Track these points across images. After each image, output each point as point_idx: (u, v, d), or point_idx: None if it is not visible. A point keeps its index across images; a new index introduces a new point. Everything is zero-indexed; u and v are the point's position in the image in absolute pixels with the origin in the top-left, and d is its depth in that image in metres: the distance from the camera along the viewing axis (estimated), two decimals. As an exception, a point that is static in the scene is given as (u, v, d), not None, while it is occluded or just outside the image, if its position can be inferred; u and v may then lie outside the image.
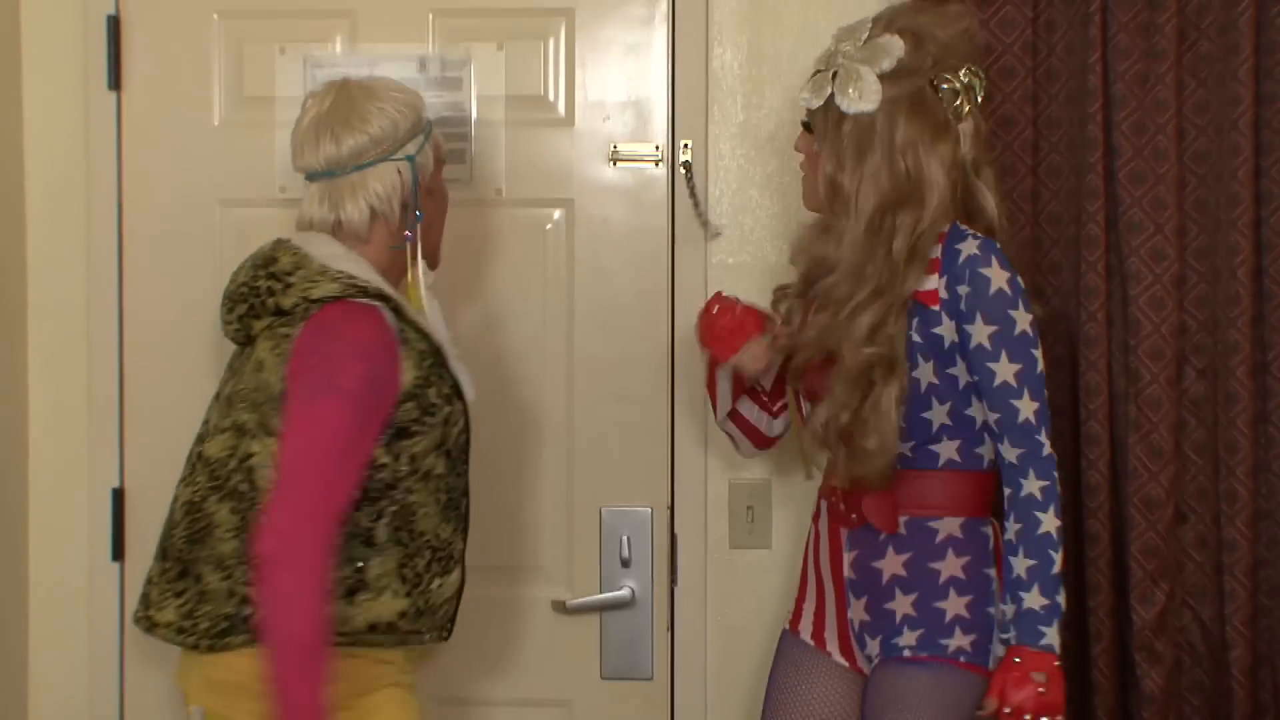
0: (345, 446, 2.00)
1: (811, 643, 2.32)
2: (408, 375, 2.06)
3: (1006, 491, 2.17)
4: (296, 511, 1.96)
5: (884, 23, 2.23)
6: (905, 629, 2.20)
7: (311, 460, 1.98)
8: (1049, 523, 2.14)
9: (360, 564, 2.07)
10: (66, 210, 2.73)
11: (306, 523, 1.96)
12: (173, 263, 2.68)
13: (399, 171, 2.15)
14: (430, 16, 2.68)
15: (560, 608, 2.66)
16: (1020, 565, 2.14)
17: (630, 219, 2.67)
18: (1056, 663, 2.13)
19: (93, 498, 2.70)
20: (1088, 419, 2.47)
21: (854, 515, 2.24)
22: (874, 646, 2.24)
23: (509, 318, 2.68)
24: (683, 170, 2.62)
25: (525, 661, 2.69)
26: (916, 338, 2.18)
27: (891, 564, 2.22)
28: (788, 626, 2.37)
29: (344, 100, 2.16)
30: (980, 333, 2.15)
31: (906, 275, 2.17)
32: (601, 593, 2.66)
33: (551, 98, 2.69)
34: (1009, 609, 2.14)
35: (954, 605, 2.19)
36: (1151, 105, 2.46)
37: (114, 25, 2.69)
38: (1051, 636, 2.13)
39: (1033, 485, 2.15)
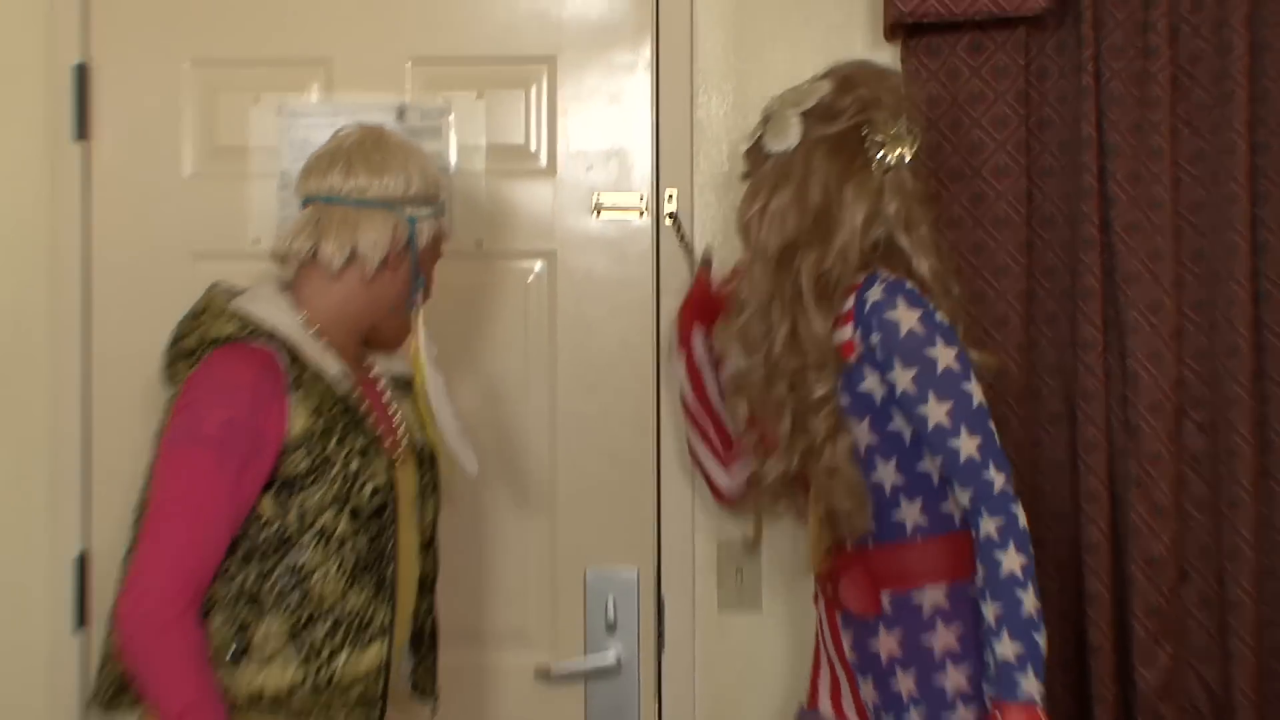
0: (206, 500, 1.94)
1: (833, 715, 2.24)
2: (297, 423, 1.98)
3: (972, 536, 2.07)
4: (152, 572, 1.92)
5: (819, 74, 2.22)
6: (911, 709, 2.11)
7: (168, 515, 1.94)
8: (1010, 562, 2.02)
9: (246, 627, 1.98)
10: (30, 266, 2.67)
11: (161, 584, 1.91)
12: (143, 318, 2.58)
13: (395, 226, 2.08)
14: (409, 65, 2.65)
15: (544, 674, 2.59)
16: (989, 612, 2.02)
17: (614, 271, 2.62)
18: (1039, 713, 2.00)
19: (53, 562, 2.62)
20: (1086, 474, 2.42)
21: (842, 596, 2.19)
22: None
23: (490, 372, 2.63)
24: (669, 220, 2.57)
25: (507, 731, 2.60)
26: (844, 397, 2.11)
27: (887, 643, 2.14)
28: (804, 703, 2.29)
29: (370, 140, 2.12)
30: (903, 378, 2.06)
31: (812, 318, 2.10)
32: (586, 657, 2.59)
33: (533, 147, 2.66)
34: (989, 660, 2.04)
35: (954, 679, 2.10)
36: (1146, 154, 2.43)
37: (81, 73, 2.65)
38: (1029, 684, 1.99)
39: (989, 525, 2.03)
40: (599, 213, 2.62)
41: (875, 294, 2.09)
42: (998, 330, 2.48)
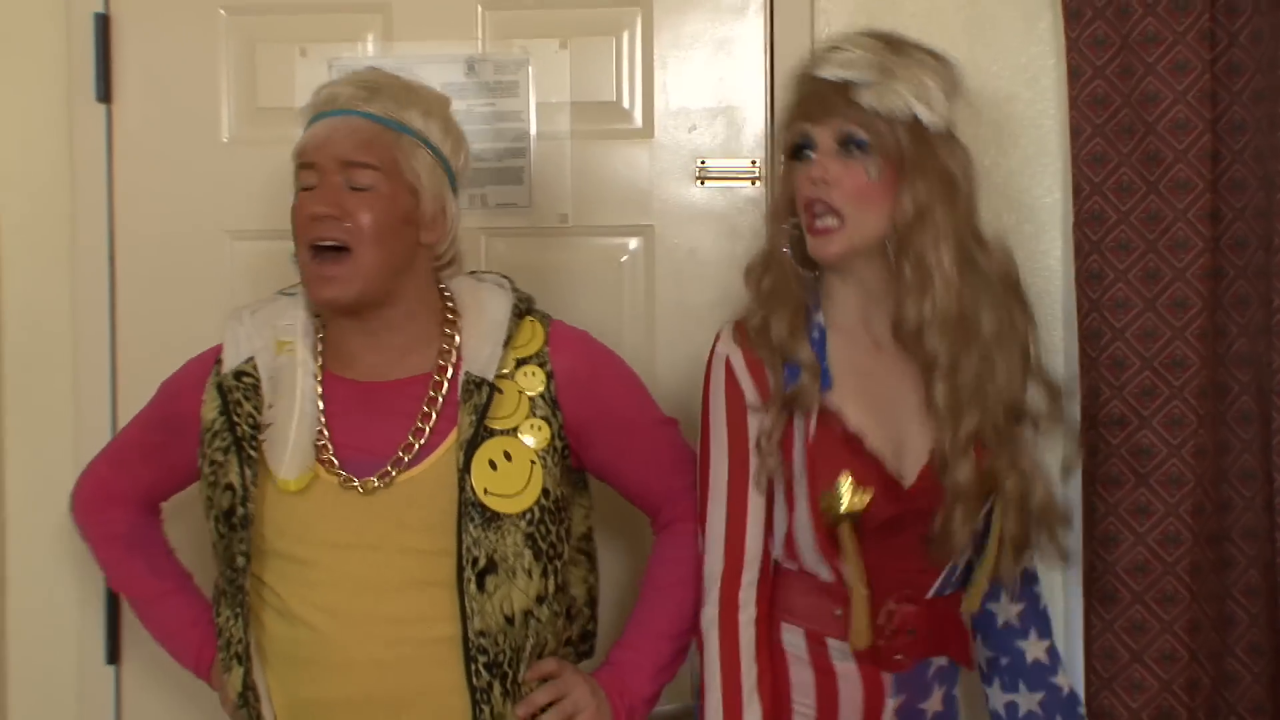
0: (127, 431, 2.22)
1: None
2: (206, 412, 2.07)
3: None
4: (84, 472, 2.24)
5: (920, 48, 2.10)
6: None
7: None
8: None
9: None
10: (47, 245, 2.61)
11: (81, 481, 2.22)
12: (173, 306, 2.55)
13: None
14: (480, 9, 2.55)
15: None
16: (1042, 648, 2.19)
17: (722, 248, 2.49)
18: None
19: (84, 589, 2.55)
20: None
21: (899, 657, 2.07)
22: None
23: None
24: (784, 189, 2.43)
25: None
26: None
27: (935, 702, 2.14)
28: None
29: None
30: None
31: (1018, 313, 2.07)
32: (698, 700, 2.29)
33: (626, 104, 2.55)
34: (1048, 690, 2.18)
35: None
36: None
37: (103, 25, 2.58)
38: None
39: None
40: (704, 181, 2.52)
41: None
42: (1176, 315, 2.31)
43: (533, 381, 2.03)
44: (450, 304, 2.07)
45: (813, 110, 1.99)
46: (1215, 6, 2.30)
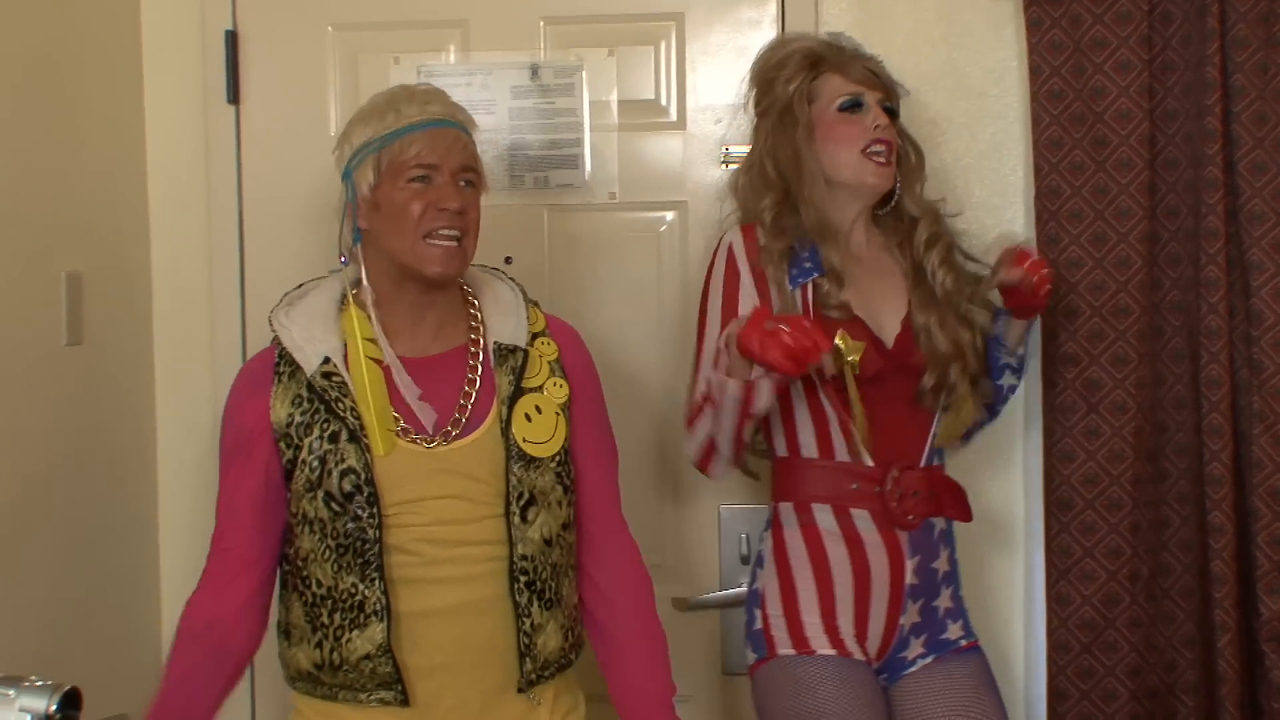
0: (220, 492, 2.13)
1: (862, 659, 2.27)
2: (279, 412, 2.07)
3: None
4: None
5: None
6: (948, 622, 2.33)
7: None
8: None
9: (287, 608, 2.13)
10: (189, 222, 2.79)
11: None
12: (293, 271, 2.55)
13: (345, 191, 2.10)
14: (541, 24, 2.71)
15: (682, 605, 2.67)
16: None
17: None
18: None
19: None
20: (1210, 411, 2.43)
21: (910, 517, 2.26)
22: (917, 646, 2.31)
23: (624, 319, 2.70)
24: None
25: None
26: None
27: (943, 562, 2.32)
28: (832, 652, 2.24)
29: None
30: None
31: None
32: (721, 590, 2.67)
33: (663, 102, 2.71)
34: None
35: (963, 590, 2.37)
36: (1272, 95, 2.41)
37: (232, 40, 2.75)
38: None
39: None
40: (728, 164, 2.65)
41: None
42: (1120, 271, 2.51)
43: (548, 350, 2.16)
44: (466, 286, 2.17)
45: (865, 79, 2.32)
46: (1152, 15, 2.47)
